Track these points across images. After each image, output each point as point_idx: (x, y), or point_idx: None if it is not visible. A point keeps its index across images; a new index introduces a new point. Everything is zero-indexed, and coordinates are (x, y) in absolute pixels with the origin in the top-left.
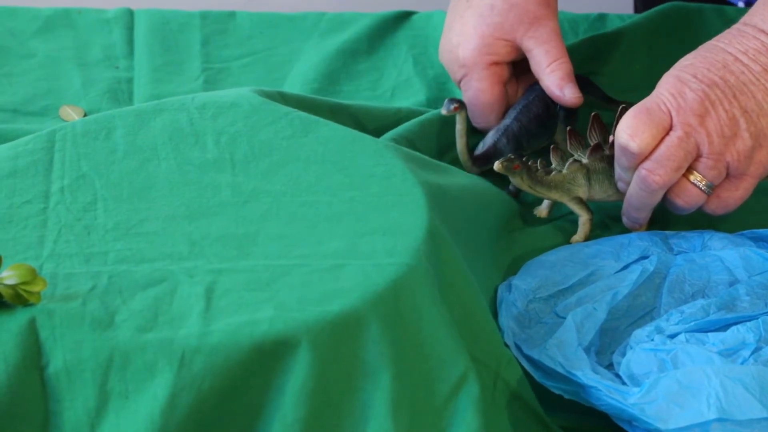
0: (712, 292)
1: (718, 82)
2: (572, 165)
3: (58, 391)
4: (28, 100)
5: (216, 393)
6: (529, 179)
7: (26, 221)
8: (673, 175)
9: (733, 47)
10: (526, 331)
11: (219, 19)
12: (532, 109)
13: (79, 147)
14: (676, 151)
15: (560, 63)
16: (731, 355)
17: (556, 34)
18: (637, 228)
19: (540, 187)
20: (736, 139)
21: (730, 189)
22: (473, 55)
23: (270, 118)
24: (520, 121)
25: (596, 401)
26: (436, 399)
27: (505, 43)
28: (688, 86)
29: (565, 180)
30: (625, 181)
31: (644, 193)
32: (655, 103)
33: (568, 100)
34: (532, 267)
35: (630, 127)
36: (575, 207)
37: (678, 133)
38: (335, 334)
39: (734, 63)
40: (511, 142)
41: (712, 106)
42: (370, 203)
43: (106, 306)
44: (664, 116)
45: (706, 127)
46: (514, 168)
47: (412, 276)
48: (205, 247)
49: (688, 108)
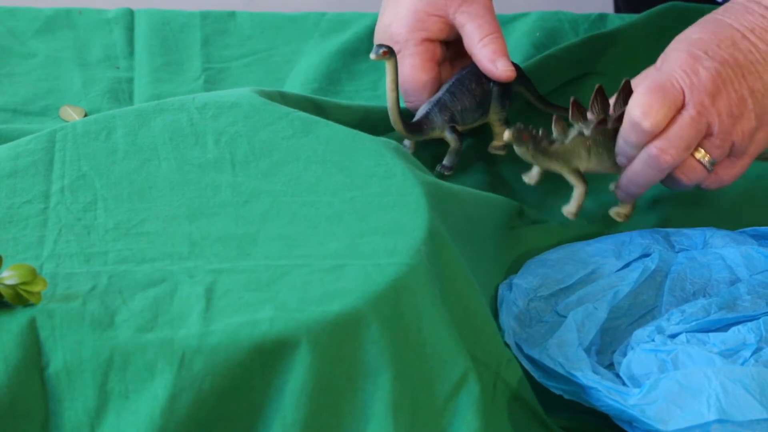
0: (714, 290)
1: (729, 60)
2: (576, 137)
3: (59, 391)
4: (29, 100)
5: (216, 393)
6: (533, 149)
7: (26, 221)
8: (684, 155)
9: (740, 24)
10: (527, 330)
11: (219, 19)
12: (465, 83)
13: (79, 147)
14: (688, 131)
15: (493, 37)
16: (732, 356)
17: (488, 9)
18: (629, 201)
19: (542, 157)
20: (742, 119)
21: (728, 167)
22: (406, 31)
23: (270, 118)
24: (452, 94)
25: (596, 402)
26: (437, 399)
27: (437, 19)
28: (700, 63)
29: (566, 151)
30: (628, 156)
31: (652, 170)
32: (668, 80)
33: (500, 73)
34: (533, 266)
35: (643, 104)
36: (573, 178)
37: (690, 113)
38: (335, 335)
39: (742, 40)
40: (443, 112)
41: (723, 85)
42: (370, 203)
43: (106, 306)
44: (677, 94)
45: (717, 106)
46: (523, 138)
47: (413, 276)
48: (205, 247)
49: (701, 86)
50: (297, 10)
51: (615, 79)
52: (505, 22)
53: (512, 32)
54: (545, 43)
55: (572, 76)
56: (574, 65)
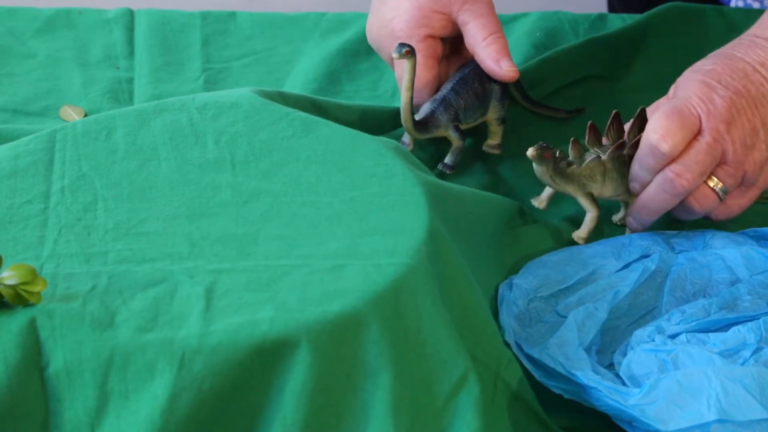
0: (714, 291)
1: (742, 90)
2: (592, 161)
3: (59, 391)
4: (29, 100)
5: (216, 393)
6: (553, 170)
7: (26, 221)
8: (698, 180)
9: (750, 57)
10: (527, 329)
11: (219, 19)
12: (468, 82)
13: (79, 147)
14: (704, 157)
15: (496, 37)
16: (732, 356)
17: (491, 9)
18: (639, 230)
19: (559, 179)
20: (754, 149)
21: (738, 197)
22: (409, 27)
23: (270, 118)
24: (457, 92)
25: (596, 402)
26: (437, 399)
27: (441, 17)
28: (716, 92)
29: (582, 175)
30: (642, 182)
31: (667, 195)
32: (686, 106)
33: (504, 73)
34: (533, 267)
35: (662, 128)
36: (586, 203)
37: (707, 139)
38: (335, 335)
39: (753, 73)
40: (448, 111)
41: (737, 115)
42: (370, 203)
43: (106, 306)
44: (695, 120)
45: (732, 134)
46: (545, 156)
47: (413, 276)
48: (205, 247)
49: (717, 114)
50: (297, 10)
51: (615, 81)
52: (505, 22)
53: (512, 32)
54: (545, 43)
55: (572, 78)
56: (574, 68)
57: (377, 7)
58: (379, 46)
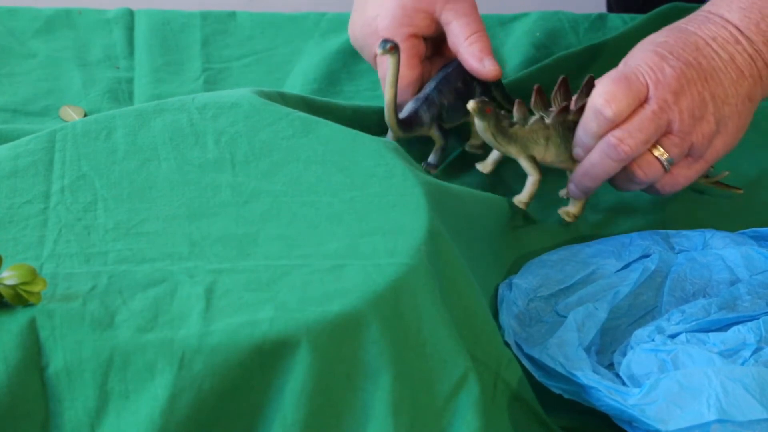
0: (714, 291)
1: (693, 62)
2: (536, 123)
3: (59, 391)
4: (29, 100)
5: (216, 393)
6: (494, 126)
7: (26, 221)
8: (642, 147)
9: (703, 32)
10: (527, 329)
11: (219, 19)
12: (451, 81)
13: (79, 147)
14: (648, 124)
15: (479, 36)
16: (732, 356)
17: (474, 9)
18: (581, 197)
19: (501, 138)
20: (702, 121)
21: (684, 168)
22: (393, 26)
23: (270, 118)
24: (440, 91)
25: (596, 402)
26: (437, 399)
27: (424, 15)
28: (666, 62)
29: (526, 136)
30: (586, 147)
31: (609, 161)
32: (634, 73)
33: (487, 72)
34: (533, 266)
35: (607, 92)
36: (528, 165)
37: (653, 107)
38: (335, 335)
39: (705, 47)
40: (431, 110)
41: (687, 85)
42: (370, 203)
43: (106, 306)
44: (642, 87)
45: (679, 105)
46: (487, 111)
47: (413, 276)
48: (205, 247)
49: (666, 83)
50: (297, 10)
51: None
52: (505, 22)
53: (512, 32)
54: (545, 43)
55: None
56: (571, 76)
57: (359, 7)
58: (362, 46)
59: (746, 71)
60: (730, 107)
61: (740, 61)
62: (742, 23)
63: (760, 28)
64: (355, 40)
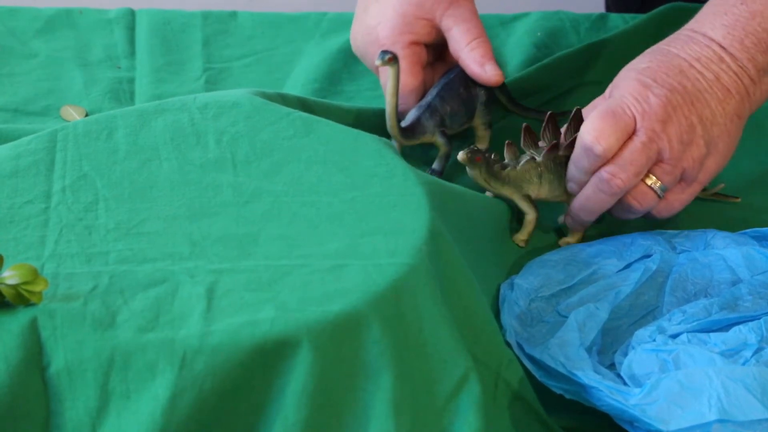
0: (715, 291)
1: (678, 87)
2: (527, 163)
3: (60, 390)
4: (30, 100)
5: (217, 393)
6: (486, 172)
7: (28, 221)
8: (634, 180)
9: (686, 53)
10: (528, 329)
11: (220, 19)
12: (453, 87)
13: (80, 147)
14: (639, 156)
15: (480, 41)
16: (733, 356)
17: (474, 14)
18: (579, 230)
19: (495, 182)
20: (692, 145)
21: (678, 193)
22: (393, 34)
23: (271, 118)
24: (442, 98)
25: (597, 402)
26: (438, 399)
27: (425, 23)
28: (651, 91)
29: (518, 176)
30: (579, 182)
31: (604, 195)
32: (620, 106)
33: (489, 77)
34: (535, 266)
35: (596, 129)
36: (523, 205)
37: (642, 139)
38: (336, 335)
39: (689, 69)
40: (434, 117)
41: (673, 112)
42: (371, 203)
43: (107, 306)
44: (629, 120)
45: (668, 132)
46: (476, 160)
47: (414, 276)
48: (206, 247)
49: (652, 113)
50: (298, 9)
51: None
52: (506, 22)
53: (513, 32)
54: (546, 42)
55: (570, 85)
56: (571, 74)
57: (360, 15)
58: (364, 54)
59: (732, 89)
60: (718, 127)
61: (726, 80)
62: (726, 41)
63: (744, 45)
64: (357, 48)
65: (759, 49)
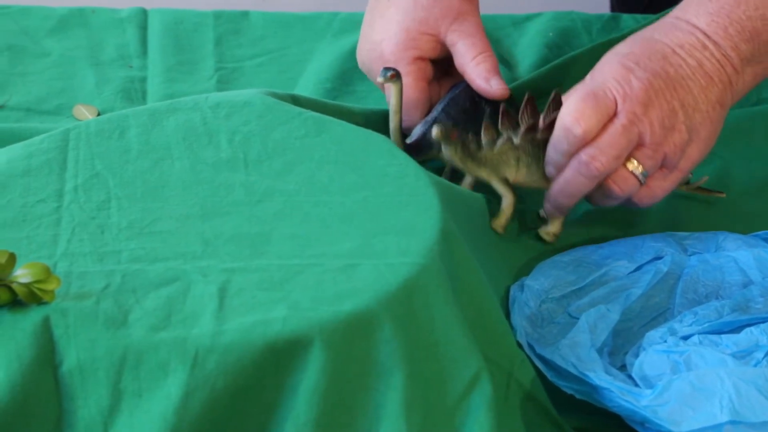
0: (726, 293)
1: (660, 72)
2: (504, 144)
3: (72, 389)
4: (42, 99)
5: (229, 392)
6: (462, 152)
7: (40, 220)
8: (615, 163)
9: (669, 39)
10: (539, 330)
11: (232, 18)
12: (459, 102)
13: (92, 146)
14: (619, 139)
15: (486, 56)
16: (744, 357)
17: (479, 28)
18: (557, 215)
19: (471, 162)
20: (674, 131)
21: (660, 179)
22: (398, 50)
23: (283, 117)
24: (448, 113)
25: (608, 402)
26: (449, 399)
27: (429, 38)
28: (633, 74)
29: (495, 158)
30: (558, 166)
31: (583, 178)
32: (601, 88)
33: (495, 91)
34: (545, 267)
35: (576, 110)
36: (501, 188)
37: (622, 121)
38: (348, 334)
39: (672, 55)
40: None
41: (655, 96)
42: (383, 203)
43: (119, 305)
44: (610, 102)
45: (649, 116)
46: (452, 137)
47: (425, 276)
48: (218, 246)
49: (634, 96)
50: (310, 9)
51: None
52: (518, 23)
53: (525, 33)
54: (558, 43)
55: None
56: (582, 74)
57: (366, 31)
58: (369, 70)
59: (715, 77)
60: (700, 114)
61: (709, 67)
62: (710, 28)
63: (728, 33)
64: (363, 64)
65: (742, 38)
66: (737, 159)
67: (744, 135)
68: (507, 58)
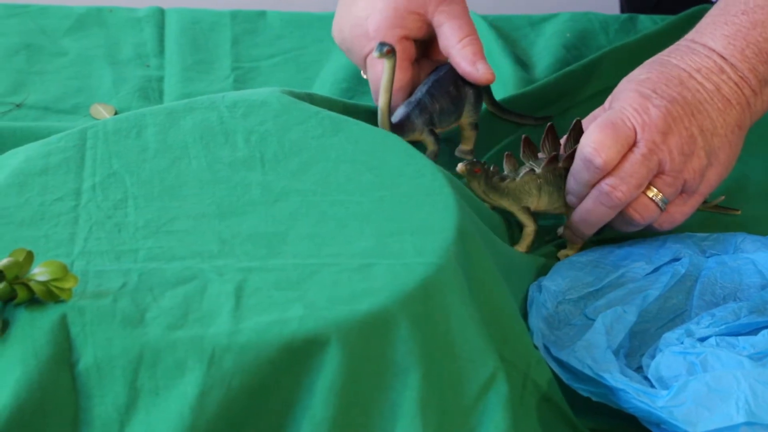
0: (744, 295)
1: (678, 98)
2: (526, 174)
3: (89, 387)
4: (60, 98)
5: (245, 391)
6: (485, 184)
7: (58, 218)
8: (635, 192)
9: (686, 64)
10: (555, 332)
11: (249, 18)
12: (443, 85)
13: (110, 145)
14: (639, 169)
15: (472, 38)
16: (761, 359)
17: (465, 12)
18: (579, 243)
19: (493, 194)
20: (693, 157)
21: (680, 205)
22: (384, 27)
23: (300, 117)
24: (432, 95)
25: (625, 404)
26: (465, 399)
27: (416, 17)
28: (650, 102)
29: (517, 188)
30: (578, 195)
31: (604, 207)
32: (620, 118)
33: (480, 75)
34: (563, 268)
35: (596, 141)
36: (522, 217)
37: (642, 150)
38: (364, 333)
39: (689, 80)
40: (423, 114)
41: (674, 123)
42: (399, 203)
43: (136, 303)
44: (629, 132)
45: (668, 144)
46: (476, 171)
47: (442, 276)
48: (235, 245)
49: (652, 125)
50: (326, 9)
51: None
52: (535, 23)
53: (542, 33)
54: (575, 43)
55: (594, 90)
56: (594, 80)
57: (346, 7)
58: (350, 47)
59: (733, 100)
60: (719, 138)
61: (726, 91)
62: (727, 51)
63: (745, 55)
64: (343, 40)
65: (760, 60)
66: (758, 162)
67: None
68: (524, 58)
